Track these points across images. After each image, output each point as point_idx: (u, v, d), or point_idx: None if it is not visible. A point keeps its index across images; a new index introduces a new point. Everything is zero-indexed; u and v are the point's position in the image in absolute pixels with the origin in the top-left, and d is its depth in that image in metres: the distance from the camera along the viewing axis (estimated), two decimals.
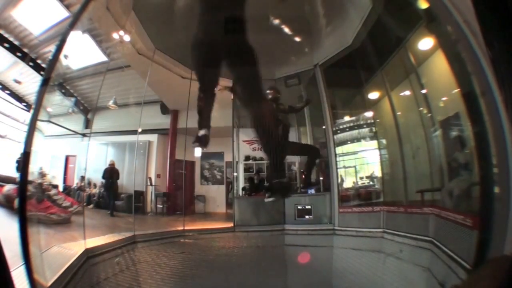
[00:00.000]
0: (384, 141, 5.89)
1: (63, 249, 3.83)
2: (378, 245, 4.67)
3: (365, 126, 6.56)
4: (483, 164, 2.04)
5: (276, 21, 5.64)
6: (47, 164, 6.76)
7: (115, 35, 5.72)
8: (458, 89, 2.70)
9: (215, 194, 8.59)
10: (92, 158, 7.26)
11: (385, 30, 4.68)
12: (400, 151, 5.02)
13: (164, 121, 7.94)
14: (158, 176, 7.77)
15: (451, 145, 3.62)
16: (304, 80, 6.97)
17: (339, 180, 6.07)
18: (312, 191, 6.66)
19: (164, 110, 7.98)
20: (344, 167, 6.37)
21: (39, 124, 1.88)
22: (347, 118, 6.77)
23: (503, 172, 1.58)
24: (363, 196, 6.03)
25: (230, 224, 6.41)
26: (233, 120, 7.22)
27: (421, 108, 4.46)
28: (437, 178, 4.01)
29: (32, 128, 1.82)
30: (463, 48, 1.78)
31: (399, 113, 5.17)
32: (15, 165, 4.91)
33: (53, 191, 5.81)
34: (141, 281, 4.19)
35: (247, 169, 8.06)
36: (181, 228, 6.16)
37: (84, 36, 5.82)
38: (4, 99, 7.10)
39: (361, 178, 6.39)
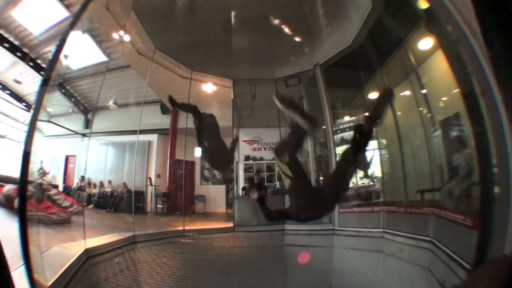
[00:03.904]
0: (384, 141, 5.89)
1: (63, 249, 3.83)
2: (378, 245, 4.67)
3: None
4: (483, 164, 2.04)
5: (276, 21, 5.65)
6: (47, 164, 6.76)
7: (115, 35, 5.72)
8: (458, 89, 2.70)
9: (215, 194, 8.59)
10: (92, 158, 7.26)
11: (385, 30, 4.68)
12: (400, 151, 5.01)
13: (164, 121, 7.93)
14: (158, 176, 7.77)
15: (451, 145, 3.62)
16: (304, 80, 6.97)
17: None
18: None
19: (164, 110, 7.98)
20: None
21: (39, 124, 1.88)
22: (347, 118, 6.76)
23: (503, 172, 1.58)
24: (363, 196, 6.02)
25: (230, 224, 6.41)
26: (233, 120, 7.22)
27: (421, 108, 4.46)
28: (437, 178, 4.01)
29: (32, 128, 1.83)
30: (463, 48, 1.78)
31: (399, 113, 5.17)
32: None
33: (53, 191, 5.81)
34: (141, 281, 4.19)
35: (247, 169, 8.06)
36: (181, 228, 6.16)
37: (84, 36, 5.81)
38: (4, 99, 7.09)
39: (361, 178, 6.39)
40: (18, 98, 7.30)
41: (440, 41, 3.44)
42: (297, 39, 6.03)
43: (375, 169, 6.06)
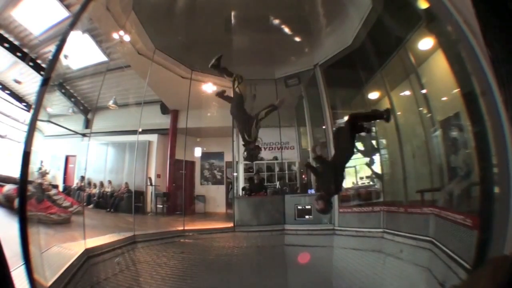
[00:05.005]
0: (384, 141, 5.89)
1: (63, 249, 3.83)
2: (378, 245, 4.67)
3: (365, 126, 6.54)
4: (483, 164, 2.04)
5: (276, 21, 5.65)
6: (47, 164, 6.76)
7: (115, 35, 5.71)
8: (458, 89, 2.70)
9: (215, 194, 8.59)
10: (92, 158, 7.26)
11: (385, 30, 4.68)
12: (400, 151, 5.01)
13: (164, 121, 7.94)
14: (158, 176, 7.77)
15: (451, 145, 3.62)
16: (304, 80, 6.97)
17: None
18: (312, 191, 6.67)
19: (164, 110, 7.98)
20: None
21: (39, 124, 1.88)
22: (347, 118, 6.74)
23: (503, 172, 1.58)
24: (363, 196, 6.02)
25: (230, 224, 6.41)
26: (233, 120, 7.22)
27: (421, 108, 4.46)
28: (437, 178, 4.01)
29: (32, 128, 1.82)
30: (463, 48, 1.78)
31: (399, 113, 5.17)
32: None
33: (53, 191, 5.81)
34: (141, 281, 4.19)
35: (247, 169, 8.06)
36: (181, 228, 6.16)
37: (84, 36, 5.81)
38: (4, 99, 7.10)
39: (361, 178, 6.39)
40: (18, 98, 7.30)
41: (440, 41, 3.44)
42: (297, 39, 6.03)
43: (375, 169, 6.06)
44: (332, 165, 3.39)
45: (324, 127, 6.51)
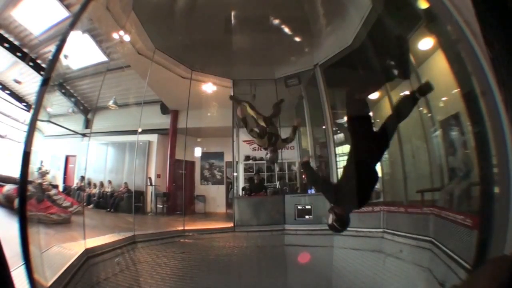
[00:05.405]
0: None
1: (63, 249, 3.83)
2: (378, 245, 4.67)
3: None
4: (483, 164, 2.04)
5: (276, 21, 5.65)
6: (47, 164, 6.75)
7: (115, 35, 5.72)
8: (458, 89, 2.70)
9: (215, 194, 8.60)
10: (92, 158, 7.26)
11: (385, 30, 4.67)
12: (400, 151, 5.01)
13: (164, 121, 7.94)
14: (158, 176, 7.77)
15: (451, 145, 3.62)
16: (304, 80, 6.97)
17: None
18: (312, 191, 6.66)
19: (164, 110, 7.99)
20: None
21: (39, 124, 1.88)
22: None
23: (503, 172, 1.58)
24: None
25: (230, 224, 6.41)
26: (233, 120, 7.22)
27: (421, 108, 4.46)
28: (437, 178, 4.01)
29: (32, 128, 1.82)
30: (463, 48, 1.78)
31: None
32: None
33: (53, 191, 5.81)
34: (141, 281, 4.19)
35: (247, 169, 8.07)
36: (181, 228, 6.16)
37: (84, 36, 5.81)
38: (4, 99, 7.10)
39: None
40: (18, 98, 7.30)
41: (440, 41, 3.44)
42: (297, 39, 6.02)
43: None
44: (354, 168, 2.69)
45: (324, 127, 6.51)
